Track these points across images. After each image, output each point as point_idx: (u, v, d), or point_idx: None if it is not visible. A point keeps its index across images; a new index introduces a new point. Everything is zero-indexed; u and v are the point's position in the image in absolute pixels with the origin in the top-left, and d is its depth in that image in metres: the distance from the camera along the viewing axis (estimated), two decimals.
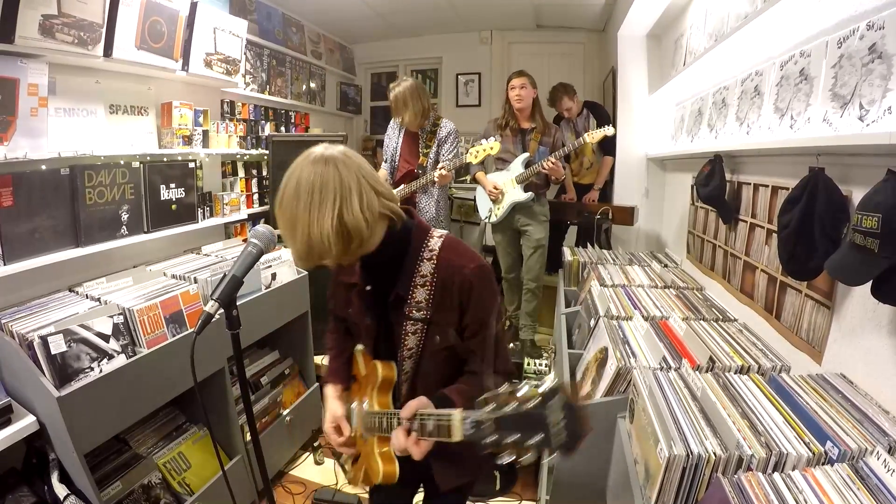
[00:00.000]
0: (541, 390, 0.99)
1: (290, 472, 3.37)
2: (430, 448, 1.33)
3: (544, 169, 3.72)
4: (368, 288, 1.58)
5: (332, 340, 1.86)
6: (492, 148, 3.62)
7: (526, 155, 3.91)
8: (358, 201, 1.31)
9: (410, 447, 1.34)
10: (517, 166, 3.91)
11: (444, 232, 1.56)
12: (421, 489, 1.91)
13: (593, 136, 3.69)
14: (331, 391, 1.75)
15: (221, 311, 1.49)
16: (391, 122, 4.09)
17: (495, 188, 3.95)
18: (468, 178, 4.30)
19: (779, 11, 1.99)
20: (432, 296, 1.49)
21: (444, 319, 1.51)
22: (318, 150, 1.35)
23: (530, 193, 3.88)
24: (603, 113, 4.98)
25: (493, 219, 4.07)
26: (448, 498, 1.72)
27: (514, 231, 4.12)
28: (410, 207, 1.64)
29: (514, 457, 1.00)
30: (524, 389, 1.01)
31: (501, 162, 4.06)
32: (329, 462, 3.44)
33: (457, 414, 1.16)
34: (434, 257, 1.49)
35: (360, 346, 1.72)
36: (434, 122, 3.90)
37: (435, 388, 1.50)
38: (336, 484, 3.22)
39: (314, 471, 3.40)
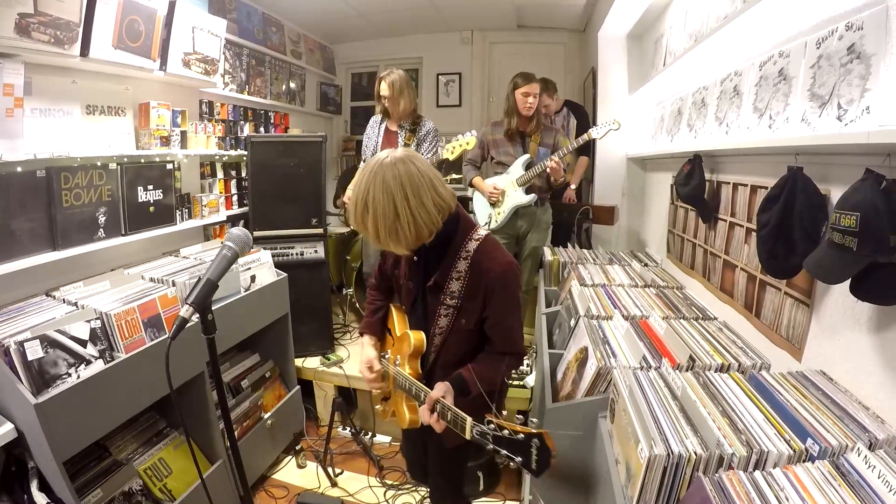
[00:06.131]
0: (532, 430, 1.39)
1: (273, 476, 3.35)
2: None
3: (548, 167, 3.66)
4: (416, 259, 1.93)
5: (371, 297, 2.25)
6: (468, 143, 3.59)
7: (526, 156, 3.84)
8: (441, 188, 1.71)
9: (434, 424, 1.71)
10: (517, 168, 3.85)
11: (484, 233, 1.87)
12: None
13: (598, 131, 3.65)
14: (367, 340, 2.16)
15: (197, 315, 1.47)
16: (371, 119, 4.06)
17: (495, 188, 3.87)
18: (466, 183, 4.22)
19: (758, 12, 2.01)
20: (464, 288, 1.83)
21: (471, 308, 1.84)
22: (388, 158, 1.65)
23: (533, 195, 3.81)
24: (583, 113, 4.99)
25: (494, 224, 3.94)
26: (451, 451, 2.03)
27: (513, 237, 4.01)
28: (459, 204, 1.89)
29: (502, 462, 1.42)
30: (519, 424, 1.43)
31: (501, 166, 3.98)
32: (311, 465, 3.42)
33: (469, 420, 1.54)
34: (469, 257, 1.82)
35: (397, 304, 2.16)
36: (414, 121, 3.88)
37: (456, 359, 1.90)
38: (319, 487, 3.21)
39: (297, 474, 3.38)
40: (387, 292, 2.25)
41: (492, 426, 1.45)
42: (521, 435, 1.38)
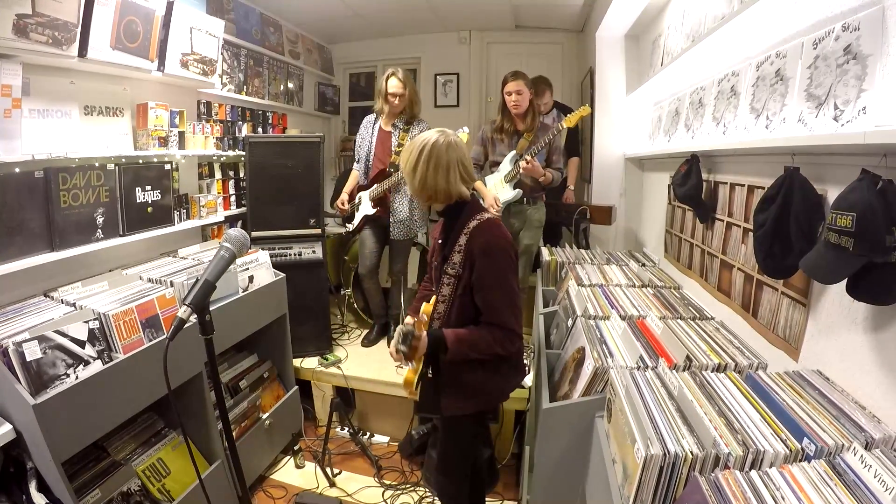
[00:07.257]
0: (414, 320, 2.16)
1: (271, 477, 3.35)
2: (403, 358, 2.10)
3: (522, 169, 3.62)
4: (440, 241, 2.28)
5: (423, 286, 2.62)
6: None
7: (514, 153, 3.82)
8: (453, 175, 2.09)
9: (394, 354, 2.11)
10: (506, 165, 3.85)
11: (487, 216, 2.15)
12: None
13: (570, 119, 3.63)
14: (407, 319, 2.36)
15: (195, 315, 1.48)
16: (365, 119, 4.05)
17: (497, 202, 3.76)
18: None
19: (755, 13, 2.01)
20: (462, 260, 2.10)
21: (464, 276, 2.10)
22: (441, 134, 2.11)
23: (518, 191, 3.79)
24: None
25: None
26: (452, 422, 2.36)
27: None
28: (474, 192, 2.29)
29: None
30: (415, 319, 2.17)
31: (495, 165, 3.97)
32: (310, 465, 3.42)
33: (400, 328, 2.06)
34: (468, 233, 2.09)
35: None
36: (408, 121, 3.87)
37: (455, 326, 2.14)
38: (317, 487, 3.21)
39: (295, 475, 3.38)
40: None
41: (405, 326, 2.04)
42: (410, 324, 2.03)
